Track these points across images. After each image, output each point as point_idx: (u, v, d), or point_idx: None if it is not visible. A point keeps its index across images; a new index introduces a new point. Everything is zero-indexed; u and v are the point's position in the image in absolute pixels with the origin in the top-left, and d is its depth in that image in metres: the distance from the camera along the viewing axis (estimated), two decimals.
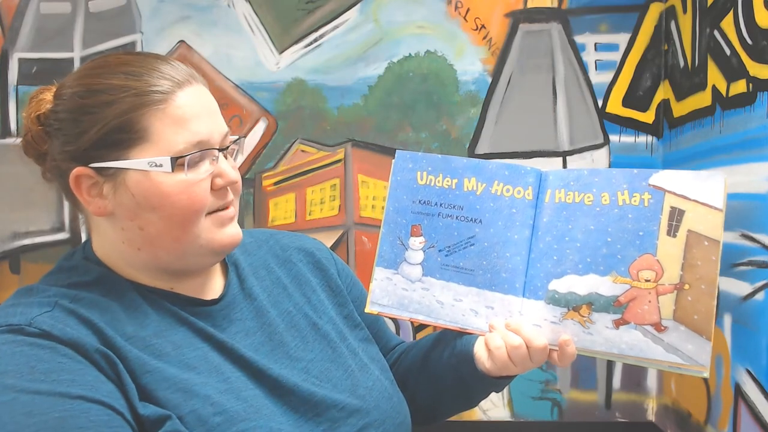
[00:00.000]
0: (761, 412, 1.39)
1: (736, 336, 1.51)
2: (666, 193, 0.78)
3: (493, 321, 0.82)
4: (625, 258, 0.78)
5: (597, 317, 0.79)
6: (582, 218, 0.81)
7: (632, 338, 0.77)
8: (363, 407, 0.80)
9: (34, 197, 2.01)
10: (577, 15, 1.97)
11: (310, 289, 0.90)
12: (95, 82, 0.73)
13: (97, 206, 0.74)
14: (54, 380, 0.64)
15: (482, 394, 0.92)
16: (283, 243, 0.94)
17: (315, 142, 2.02)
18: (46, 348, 0.66)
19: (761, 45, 1.40)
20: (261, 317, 0.82)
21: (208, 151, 0.74)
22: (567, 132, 1.98)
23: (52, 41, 2.02)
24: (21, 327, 0.67)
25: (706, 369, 0.75)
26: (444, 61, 2.00)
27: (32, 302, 0.70)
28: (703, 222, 0.76)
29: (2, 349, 0.65)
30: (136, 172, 0.72)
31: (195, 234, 0.75)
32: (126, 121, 0.71)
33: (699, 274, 0.76)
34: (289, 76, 2.01)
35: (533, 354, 0.79)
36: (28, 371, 0.64)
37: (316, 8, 2.01)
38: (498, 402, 2.00)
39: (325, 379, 0.81)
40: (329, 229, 2.02)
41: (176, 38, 2.02)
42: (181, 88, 0.74)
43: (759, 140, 1.41)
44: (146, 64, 0.74)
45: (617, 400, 1.99)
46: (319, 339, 0.85)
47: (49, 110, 0.75)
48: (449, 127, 2.01)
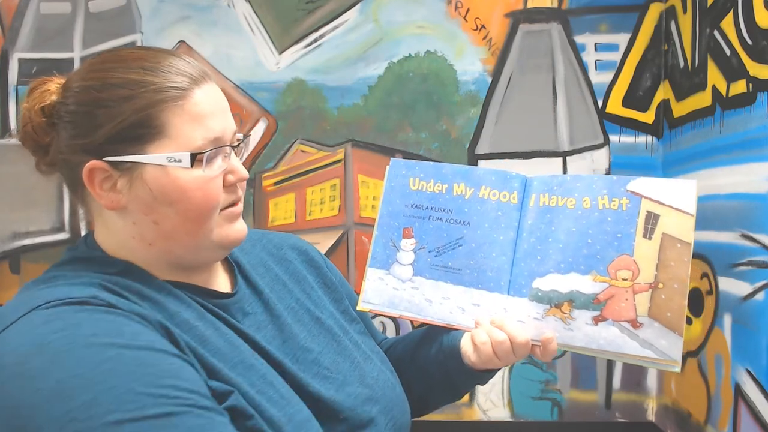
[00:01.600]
0: (761, 412, 1.39)
1: (736, 336, 1.51)
2: (642, 198, 0.84)
3: (478, 317, 0.87)
4: (604, 258, 0.84)
5: (577, 314, 0.84)
6: (564, 221, 0.87)
7: (610, 334, 0.82)
8: (373, 396, 0.83)
9: (34, 197, 2.01)
10: (577, 15, 1.97)
11: (308, 285, 0.92)
12: (111, 75, 0.73)
13: (109, 200, 0.74)
14: (146, 339, 0.64)
15: (468, 387, 0.96)
16: (275, 242, 0.96)
17: (315, 142, 2.02)
18: (121, 315, 0.66)
19: (761, 45, 1.40)
20: (270, 311, 0.84)
21: (223, 148, 0.76)
22: (567, 132, 1.98)
23: (52, 41, 2.02)
24: (86, 299, 0.66)
25: (678, 363, 0.80)
26: (444, 61, 2.00)
27: (73, 284, 0.70)
28: (676, 226, 0.82)
29: (78, 316, 0.64)
30: (154, 167, 0.72)
31: (208, 229, 0.76)
32: (145, 116, 0.71)
33: (672, 274, 0.81)
34: (289, 76, 2.01)
35: (516, 348, 0.83)
36: (116, 333, 0.63)
37: (316, 8, 2.01)
38: (498, 402, 2.00)
39: (336, 371, 0.82)
40: (329, 229, 2.02)
41: (176, 38, 2.02)
42: (198, 85, 0.75)
43: (759, 140, 1.41)
44: (162, 59, 0.75)
45: (617, 400, 2.00)
46: (323, 332, 0.87)
47: (57, 102, 0.75)
48: (449, 127, 2.01)
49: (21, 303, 0.67)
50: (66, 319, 0.64)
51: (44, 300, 0.66)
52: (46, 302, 0.66)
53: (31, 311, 0.65)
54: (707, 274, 1.63)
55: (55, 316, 0.64)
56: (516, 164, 1.99)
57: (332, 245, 2.02)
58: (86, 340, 0.62)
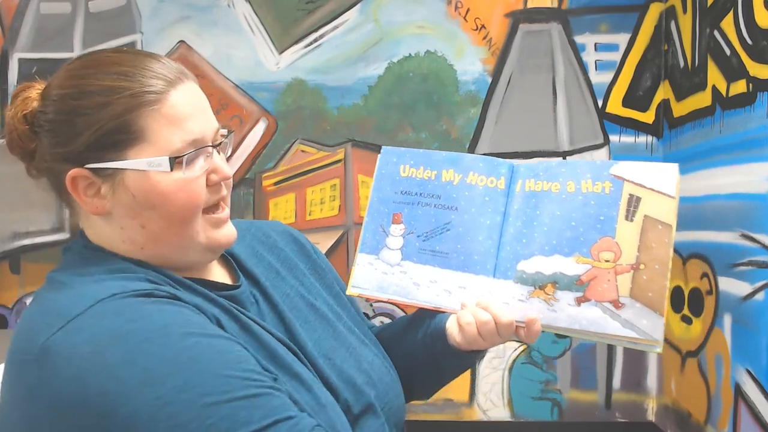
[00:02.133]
0: (761, 412, 1.39)
1: (736, 336, 1.51)
2: (625, 182, 0.86)
3: (464, 300, 0.89)
4: (587, 240, 0.86)
5: (561, 295, 0.85)
6: (549, 205, 0.89)
7: (593, 315, 0.84)
8: (369, 381, 0.84)
9: (34, 197, 1.99)
10: (577, 15, 1.97)
11: (299, 272, 0.93)
12: (87, 83, 0.73)
13: (94, 206, 0.75)
14: (213, 329, 0.68)
15: (454, 371, 0.97)
16: (264, 230, 0.97)
17: (315, 142, 2.02)
18: (184, 308, 0.69)
19: (761, 45, 1.40)
20: (268, 300, 0.85)
21: (204, 148, 0.76)
22: (567, 132, 1.98)
23: (52, 41, 2.03)
24: (149, 291, 0.68)
25: (660, 344, 0.81)
26: (444, 61, 2.00)
27: (123, 277, 0.71)
28: (658, 208, 0.84)
29: (147, 308, 0.66)
30: (134, 172, 0.73)
31: (194, 230, 0.76)
32: (122, 122, 0.72)
33: (653, 256, 0.83)
34: (289, 76, 2.01)
35: (501, 329, 0.84)
36: (186, 323, 0.66)
37: (316, 8, 2.01)
38: (498, 402, 2.00)
39: (333, 356, 0.84)
40: (329, 229, 2.02)
41: (176, 38, 2.02)
42: (174, 87, 0.75)
43: (759, 140, 1.41)
44: (137, 63, 0.75)
45: (617, 400, 2.00)
46: (319, 319, 0.88)
47: (37, 110, 0.75)
48: (449, 127, 2.01)
49: (79, 296, 0.68)
50: (137, 310, 0.66)
51: (108, 293, 0.67)
52: (111, 294, 0.67)
53: (98, 303, 0.66)
54: (707, 274, 1.63)
55: (126, 308, 0.66)
56: None
57: (332, 245, 2.02)
58: (163, 330, 0.65)
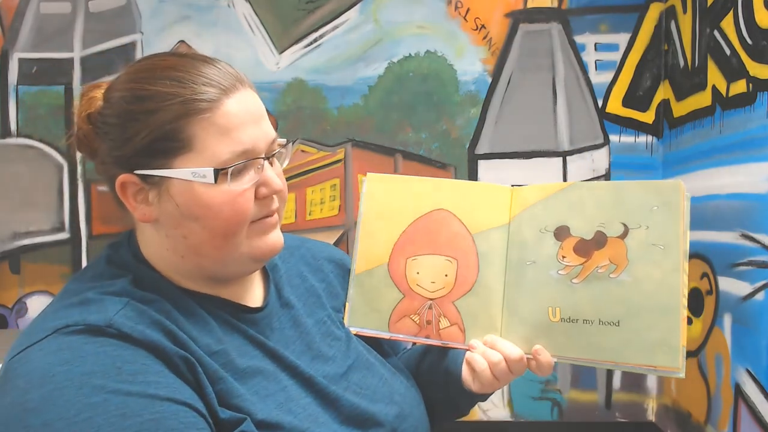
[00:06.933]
0: (761, 412, 1.39)
1: (736, 336, 1.51)
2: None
3: (472, 341, 0.87)
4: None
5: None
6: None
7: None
8: (401, 413, 0.83)
9: (34, 197, 2.01)
10: (577, 15, 1.97)
11: (339, 301, 0.92)
12: (141, 87, 0.72)
13: (142, 213, 0.74)
14: (142, 381, 0.64)
15: (470, 406, 0.96)
16: (314, 251, 0.95)
17: (315, 142, 2.02)
18: (129, 349, 0.66)
19: (761, 45, 1.40)
20: (298, 326, 0.83)
21: (254, 160, 0.74)
22: (567, 132, 1.98)
23: (52, 41, 2.02)
24: (100, 327, 0.66)
25: (681, 370, 0.78)
26: (444, 61, 2.00)
27: (104, 298, 0.70)
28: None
29: (85, 348, 0.65)
30: (179, 181, 0.71)
31: (237, 243, 0.74)
32: (171, 129, 0.70)
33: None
34: (289, 76, 2.01)
35: (512, 366, 0.83)
36: (115, 372, 0.63)
37: (316, 8, 2.01)
38: (498, 402, 2.00)
39: (365, 386, 0.82)
40: (329, 229, 2.02)
41: (176, 38, 2.02)
42: (228, 95, 0.73)
43: (759, 140, 1.41)
44: (192, 68, 0.73)
45: (617, 400, 2.00)
46: (352, 348, 0.87)
47: (98, 112, 0.75)
48: (449, 127, 2.01)
49: (49, 319, 0.68)
50: (76, 349, 0.65)
51: (65, 323, 0.67)
52: (65, 326, 0.66)
53: (53, 334, 0.66)
54: (707, 274, 1.63)
55: (67, 345, 0.65)
56: (516, 164, 1.99)
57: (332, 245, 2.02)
58: (80, 379, 0.63)
